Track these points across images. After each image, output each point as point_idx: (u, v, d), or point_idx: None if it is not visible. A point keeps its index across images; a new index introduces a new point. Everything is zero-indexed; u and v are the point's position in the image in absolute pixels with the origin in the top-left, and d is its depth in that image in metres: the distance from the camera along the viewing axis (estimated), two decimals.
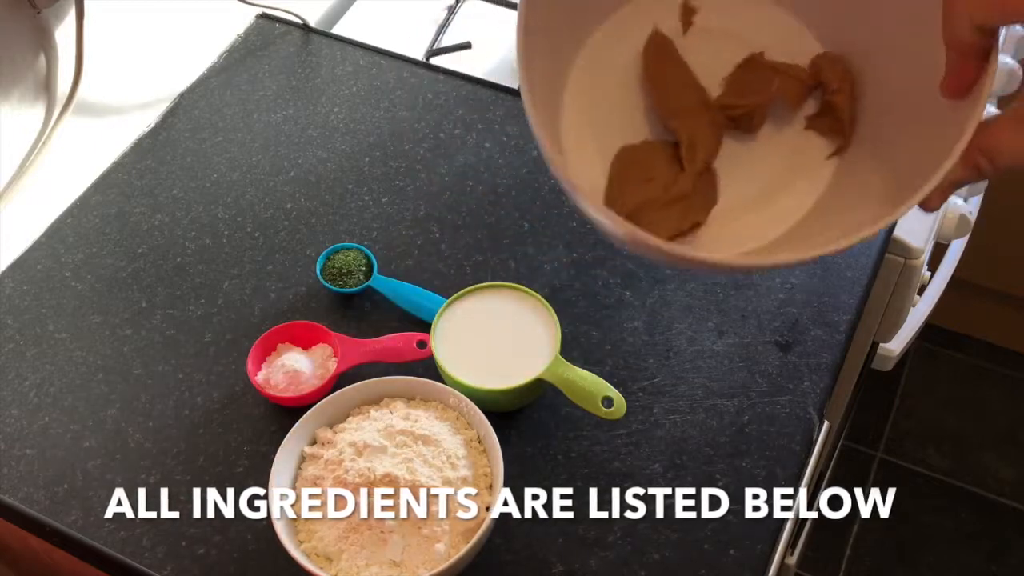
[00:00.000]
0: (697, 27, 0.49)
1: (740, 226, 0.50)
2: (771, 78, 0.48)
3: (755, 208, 0.50)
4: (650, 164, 0.49)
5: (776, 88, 0.48)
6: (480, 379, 0.71)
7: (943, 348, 1.84)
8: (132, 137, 0.97)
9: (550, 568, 0.68)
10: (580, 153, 0.50)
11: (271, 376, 0.76)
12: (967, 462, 1.71)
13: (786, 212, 0.49)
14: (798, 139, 0.50)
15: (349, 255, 0.83)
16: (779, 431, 0.74)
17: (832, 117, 0.48)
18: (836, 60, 0.48)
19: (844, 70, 0.47)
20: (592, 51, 0.50)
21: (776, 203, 0.50)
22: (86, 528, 0.71)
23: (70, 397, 0.79)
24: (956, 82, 0.40)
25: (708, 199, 0.50)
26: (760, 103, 0.48)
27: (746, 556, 0.68)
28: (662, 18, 0.49)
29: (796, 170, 0.50)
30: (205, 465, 0.74)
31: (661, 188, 0.48)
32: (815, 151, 0.49)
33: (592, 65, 0.50)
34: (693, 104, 0.49)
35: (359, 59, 1.04)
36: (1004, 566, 1.59)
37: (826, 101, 0.48)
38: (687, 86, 0.49)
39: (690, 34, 0.49)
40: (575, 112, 0.50)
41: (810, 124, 0.49)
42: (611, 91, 0.50)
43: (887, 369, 1.19)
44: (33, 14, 0.82)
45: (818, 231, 0.47)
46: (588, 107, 0.50)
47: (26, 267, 0.87)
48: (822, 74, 0.48)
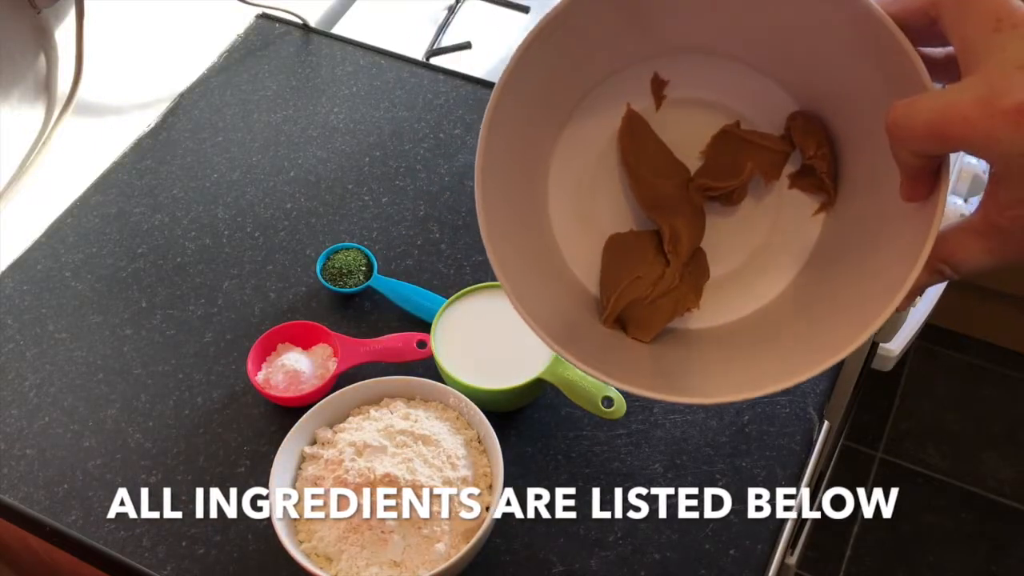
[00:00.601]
0: (670, 100, 0.49)
1: (734, 296, 0.50)
2: (747, 153, 0.48)
3: (746, 276, 0.50)
4: (637, 258, 0.50)
5: (750, 168, 0.47)
6: (480, 379, 0.71)
7: (943, 348, 1.84)
8: (132, 137, 0.97)
9: (550, 568, 0.68)
10: (573, 247, 0.51)
11: (271, 376, 0.76)
12: (967, 462, 1.71)
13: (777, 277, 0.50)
14: (782, 200, 0.49)
15: (349, 255, 0.83)
16: (779, 431, 0.74)
17: (814, 176, 0.48)
18: (810, 121, 0.47)
19: (819, 131, 0.47)
20: (569, 140, 0.50)
21: (767, 267, 0.50)
22: (86, 528, 0.71)
23: (70, 397, 0.79)
24: (910, 194, 0.40)
25: (699, 279, 0.50)
26: (738, 185, 0.48)
27: (746, 556, 0.68)
28: (635, 96, 0.49)
29: (784, 232, 0.49)
30: (205, 465, 0.74)
31: (649, 285, 0.49)
32: (801, 209, 0.49)
33: (571, 154, 0.50)
34: (671, 192, 0.49)
35: (359, 59, 1.05)
36: (1004, 566, 1.59)
37: (805, 164, 0.48)
38: (664, 170, 0.49)
39: (664, 108, 0.49)
40: (561, 204, 0.50)
41: (793, 183, 0.49)
42: (593, 179, 0.50)
43: (887, 369, 1.19)
44: (33, 14, 0.82)
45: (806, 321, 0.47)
46: (573, 198, 0.50)
47: (26, 267, 0.87)
48: (797, 139, 0.47)
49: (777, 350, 0.47)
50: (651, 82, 0.48)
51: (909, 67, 0.39)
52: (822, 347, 0.43)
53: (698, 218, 0.49)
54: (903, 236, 0.41)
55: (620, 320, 0.50)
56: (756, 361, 0.47)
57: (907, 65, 0.39)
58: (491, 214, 0.45)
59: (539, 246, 0.50)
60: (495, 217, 0.46)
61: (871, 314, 0.41)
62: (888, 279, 0.41)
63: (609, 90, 0.49)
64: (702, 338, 0.50)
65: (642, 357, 0.49)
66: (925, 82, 0.38)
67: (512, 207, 0.48)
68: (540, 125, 0.49)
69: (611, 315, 0.49)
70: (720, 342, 0.50)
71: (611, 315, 0.49)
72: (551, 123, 0.49)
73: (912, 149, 0.38)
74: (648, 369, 0.49)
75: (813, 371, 0.43)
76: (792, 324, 0.48)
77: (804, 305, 0.48)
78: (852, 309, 0.44)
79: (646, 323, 0.49)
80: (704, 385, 0.47)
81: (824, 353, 0.43)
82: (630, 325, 0.50)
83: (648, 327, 0.49)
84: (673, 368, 0.49)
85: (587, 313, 0.50)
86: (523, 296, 0.46)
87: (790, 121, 0.48)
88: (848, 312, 0.44)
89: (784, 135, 0.48)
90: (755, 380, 0.44)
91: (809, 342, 0.45)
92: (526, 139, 0.48)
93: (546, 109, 0.48)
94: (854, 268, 0.46)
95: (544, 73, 0.45)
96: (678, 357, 0.49)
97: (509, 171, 0.47)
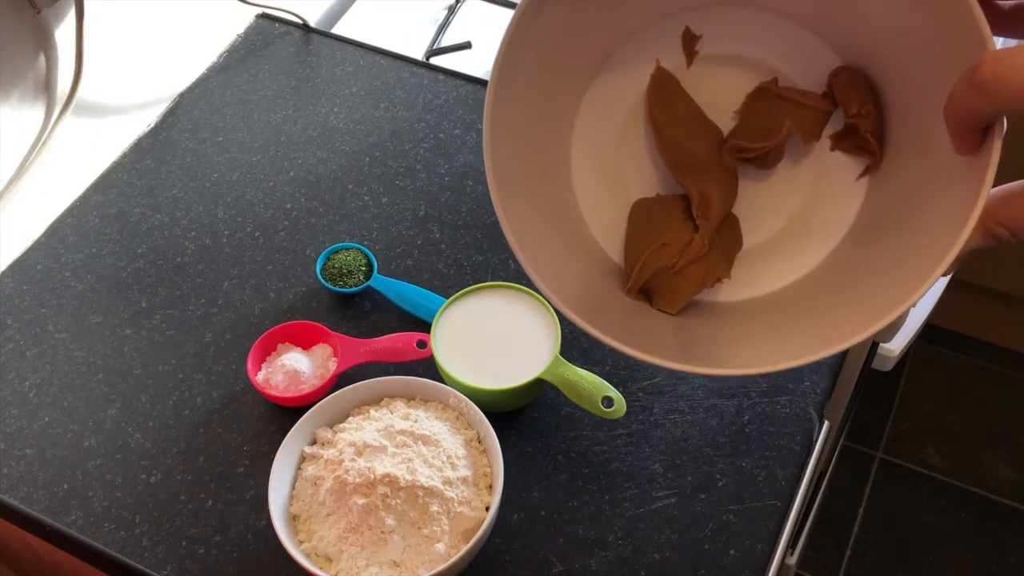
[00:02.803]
0: (702, 57, 0.46)
1: (767, 268, 0.47)
2: (784, 111, 0.45)
3: (781, 247, 0.47)
4: (664, 223, 0.46)
5: (788, 127, 0.44)
6: (480, 379, 0.71)
7: (943, 348, 1.84)
8: (132, 137, 0.97)
9: (550, 568, 0.68)
10: (599, 212, 0.48)
11: (271, 376, 0.76)
12: (967, 462, 1.71)
13: (815, 248, 0.46)
14: (822, 163, 0.46)
15: (349, 255, 0.83)
16: (779, 431, 0.74)
17: (857, 136, 0.44)
18: (854, 77, 0.44)
19: (864, 88, 0.43)
20: (595, 98, 0.47)
21: (804, 237, 0.47)
22: (86, 528, 0.71)
23: (70, 397, 0.79)
24: (963, 147, 0.38)
25: (731, 248, 0.47)
26: (774, 145, 0.45)
27: (746, 556, 0.68)
28: (664, 52, 0.46)
29: (823, 198, 0.46)
30: (205, 465, 0.74)
31: (676, 252, 0.46)
32: (843, 173, 0.46)
33: (597, 113, 0.47)
34: (702, 154, 0.46)
35: (359, 59, 1.05)
36: (1004, 566, 1.59)
37: (848, 123, 0.44)
38: (695, 131, 0.46)
39: (695, 65, 0.46)
40: (585, 168, 0.47)
41: (835, 145, 0.45)
42: (620, 140, 0.47)
43: (887, 369, 1.19)
44: (33, 14, 0.82)
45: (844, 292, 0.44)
46: (598, 161, 0.47)
47: (26, 267, 0.87)
48: (840, 97, 0.44)
49: (814, 321, 0.44)
50: (682, 37, 0.45)
51: (969, 20, 0.36)
52: (860, 317, 0.40)
53: (731, 182, 0.46)
54: (954, 196, 0.38)
55: (645, 290, 0.47)
56: (791, 332, 0.44)
57: (967, 18, 0.36)
58: (504, 180, 0.43)
59: (560, 213, 0.47)
60: (508, 183, 0.43)
61: (915, 280, 0.38)
62: (934, 242, 0.38)
63: (638, 46, 0.46)
64: (733, 312, 0.47)
65: (667, 330, 0.46)
66: (986, 38, 0.35)
67: (529, 170, 0.45)
68: (562, 81, 0.46)
69: (635, 285, 0.46)
70: (752, 317, 0.46)
71: (635, 285, 0.46)
72: (575, 79, 0.46)
73: (1006, 105, 0.34)
74: (673, 342, 0.45)
75: (850, 341, 0.39)
76: (831, 296, 0.45)
77: (844, 277, 0.45)
78: (894, 276, 0.40)
79: (672, 294, 0.46)
80: (733, 358, 0.43)
81: (861, 323, 0.39)
82: (656, 296, 0.47)
83: (675, 298, 0.46)
84: (700, 341, 0.46)
85: (611, 283, 0.47)
86: (543, 268, 0.43)
87: (832, 78, 0.45)
88: (890, 279, 0.41)
89: (825, 92, 0.45)
90: (787, 350, 0.41)
91: (848, 311, 0.42)
92: (545, 96, 0.45)
93: (569, 63, 0.45)
94: (899, 235, 0.42)
95: (563, 23, 0.42)
96: (706, 331, 0.46)
97: (525, 133, 0.44)
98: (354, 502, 0.63)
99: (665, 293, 0.46)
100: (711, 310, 0.47)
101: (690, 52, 0.46)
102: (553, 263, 0.44)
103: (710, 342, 0.46)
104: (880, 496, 1.67)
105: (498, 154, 0.42)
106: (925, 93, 0.40)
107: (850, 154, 0.45)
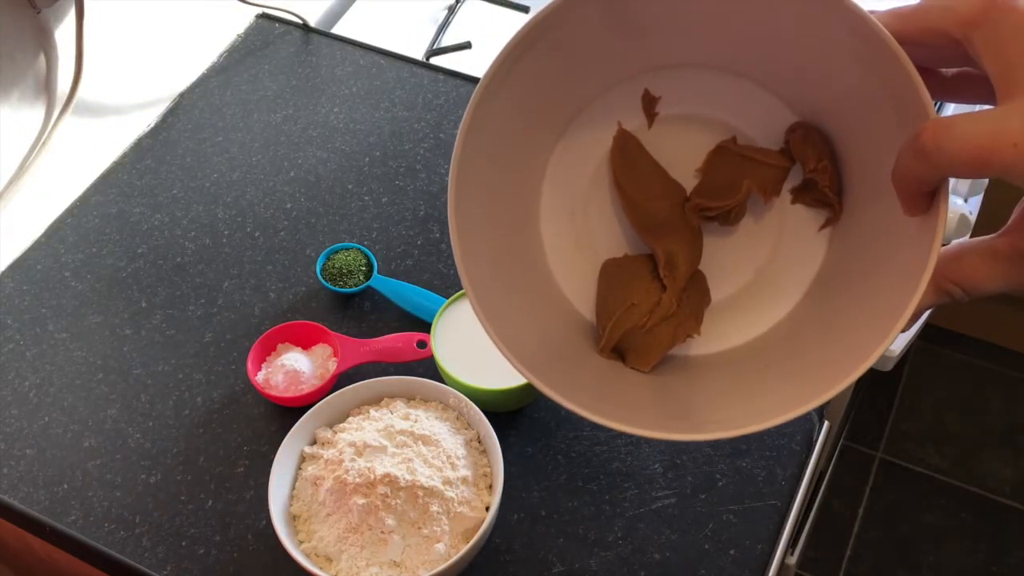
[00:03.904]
0: (663, 116, 0.47)
1: (736, 320, 0.48)
2: (744, 169, 0.46)
3: (749, 299, 0.48)
4: (633, 284, 0.47)
5: (747, 186, 0.45)
6: (480, 379, 0.71)
7: (943, 348, 1.84)
8: (132, 137, 0.97)
9: (550, 568, 0.68)
10: (568, 274, 0.49)
11: (271, 376, 0.76)
12: (967, 462, 1.71)
13: (782, 299, 0.47)
14: (785, 217, 0.47)
15: (349, 255, 0.83)
16: (779, 431, 0.74)
17: (816, 190, 0.45)
18: (809, 133, 0.44)
19: (819, 143, 0.44)
20: (561, 159, 0.48)
21: (772, 289, 0.48)
22: (86, 528, 0.71)
23: (70, 397, 0.79)
24: (911, 209, 0.39)
25: (699, 304, 0.48)
26: (734, 204, 0.46)
27: (746, 556, 0.68)
28: (626, 113, 0.47)
29: (788, 250, 0.47)
30: (205, 465, 0.74)
31: (646, 312, 0.46)
32: (806, 225, 0.47)
33: (563, 175, 0.48)
34: (666, 213, 0.47)
35: (359, 59, 1.05)
36: (1004, 566, 1.59)
37: (807, 178, 0.45)
38: (658, 191, 0.47)
39: (656, 125, 0.47)
40: (554, 228, 0.48)
41: (796, 198, 0.47)
42: (586, 200, 0.48)
43: (887, 369, 1.19)
44: (33, 14, 0.82)
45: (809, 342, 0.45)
46: (567, 222, 0.48)
47: (26, 267, 0.87)
48: (796, 153, 0.45)
49: (783, 377, 0.45)
50: (642, 98, 0.47)
51: (911, 89, 0.37)
52: (829, 373, 0.41)
53: (695, 240, 0.47)
54: (906, 253, 0.40)
55: (618, 349, 0.48)
56: (762, 390, 0.45)
57: (908, 87, 0.37)
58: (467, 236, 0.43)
59: (530, 273, 0.48)
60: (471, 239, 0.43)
61: (875, 338, 0.39)
62: (892, 300, 0.39)
63: (601, 108, 0.47)
64: (705, 365, 0.48)
65: (642, 387, 0.47)
66: (927, 105, 0.37)
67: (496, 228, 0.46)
68: (530, 138, 0.47)
69: (607, 346, 0.47)
70: (724, 369, 0.47)
71: (607, 346, 0.47)
72: (541, 140, 0.47)
73: (945, 173, 0.36)
74: (649, 401, 0.46)
75: (821, 399, 0.41)
76: (799, 348, 0.46)
77: (811, 328, 0.46)
78: (858, 332, 0.42)
79: (644, 352, 0.47)
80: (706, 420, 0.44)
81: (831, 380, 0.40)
82: (628, 354, 0.48)
83: (647, 356, 0.47)
84: (674, 400, 0.47)
85: (584, 342, 0.48)
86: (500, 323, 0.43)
87: (788, 134, 0.46)
88: (853, 335, 0.42)
89: (783, 149, 0.46)
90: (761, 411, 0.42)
91: (816, 368, 0.43)
92: (512, 156, 0.46)
93: (535, 124, 0.46)
94: (859, 288, 0.44)
95: (529, 86, 0.43)
96: (680, 386, 0.47)
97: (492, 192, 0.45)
98: (354, 502, 0.63)
99: (637, 351, 0.47)
100: (684, 364, 0.48)
101: (650, 113, 0.47)
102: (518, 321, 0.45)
103: (685, 400, 0.47)
104: (880, 496, 1.67)
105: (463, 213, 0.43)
106: (877, 150, 0.41)
107: (811, 207, 0.47)
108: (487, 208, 0.45)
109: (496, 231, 0.46)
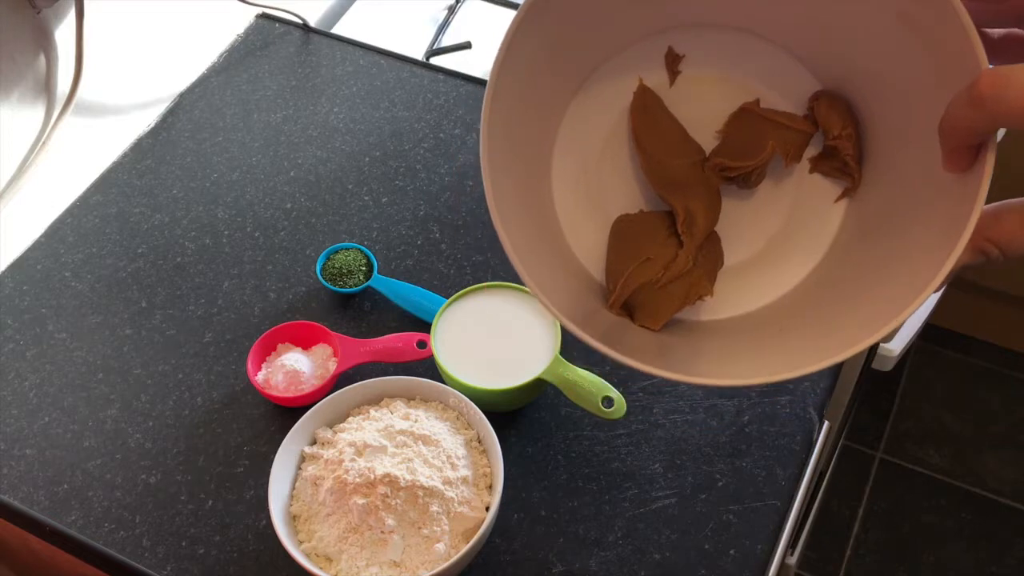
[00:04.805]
0: (685, 76, 0.46)
1: (748, 286, 0.47)
2: (767, 132, 0.45)
3: (762, 265, 0.47)
4: (647, 239, 0.47)
5: (771, 147, 0.45)
6: (480, 379, 0.71)
7: (943, 348, 1.84)
8: (132, 137, 0.97)
9: (550, 568, 0.68)
10: (577, 229, 0.48)
11: (271, 376, 0.76)
12: (967, 462, 1.71)
13: (796, 266, 0.47)
14: (802, 185, 0.47)
15: (349, 255, 0.83)
16: (779, 431, 0.74)
17: (837, 159, 0.45)
18: (835, 100, 0.44)
19: (845, 111, 0.44)
20: (577, 114, 0.47)
21: (784, 256, 0.47)
22: (86, 528, 0.71)
23: (70, 397, 0.79)
24: (956, 165, 0.38)
25: (713, 266, 0.47)
26: (758, 164, 0.45)
27: (746, 556, 0.68)
28: (647, 70, 0.46)
29: (803, 219, 0.47)
30: (205, 465, 0.74)
31: (660, 268, 0.46)
32: (822, 195, 0.46)
33: (578, 129, 0.47)
34: (685, 171, 0.46)
35: (359, 59, 1.05)
36: (1004, 566, 1.59)
37: (828, 145, 0.45)
38: (678, 149, 0.46)
39: (678, 84, 0.46)
40: (565, 183, 0.48)
41: (814, 167, 0.46)
42: (600, 157, 0.47)
43: (887, 369, 1.19)
44: (33, 14, 0.82)
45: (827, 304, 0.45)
46: (579, 177, 0.48)
47: (26, 267, 0.87)
48: (821, 120, 0.45)
49: (793, 341, 0.44)
50: (665, 56, 0.46)
51: (963, 42, 0.36)
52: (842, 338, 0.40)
53: (714, 199, 0.46)
54: (939, 216, 0.39)
55: (627, 306, 0.47)
56: (769, 351, 0.44)
57: (961, 40, 0.36)
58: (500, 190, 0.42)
59: (541, 227, 0.47)
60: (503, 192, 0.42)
61: (906, 297, 0.39)
62: (919, 263, 0.39)
63: (621, 63, 0.46)
64: (713, 331, 0.47)
65: (649, 344, 0.46)
66: (980, 57, 0.36)
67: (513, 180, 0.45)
68: (546, 96, 0.46)
69: (619, 298, 0.46)
70: (732, 335, 0.47)
71: (619, 298, 0.46)
72: (558, 95, 0.46)
73: (1000, 123, 0.35)
74: (654, 353, 0.46)
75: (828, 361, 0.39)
76: (812, 313, 0.45)
77: (825, 296, 0.46)
78: (878, 297, 0.41)
79: (655, 309, 0.46)
80: (710, 370, 0.44)
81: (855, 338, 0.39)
82: (638, 311, 0.47)
83: (657, 314, 0.46)
84: (679, 353, 0.46)
85: (592, 300, 0.47)
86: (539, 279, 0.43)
87: (812, 101, 0.45)
88: (873, 300, 0.41)
89: (806, 115, 0.45)
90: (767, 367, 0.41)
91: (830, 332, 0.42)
92: (535, 103, 0.45)
93: (559, 71, 0.45)
94: (880, 256, 0.43)
95: (561, 26, 0.42)
96: (686, 345, 0.46)
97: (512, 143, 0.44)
98: (354, 502, 0.63)
99: (647, 309, 0.47)
100: (692, 328, 0.48)
101: (673, 71, 0.46)
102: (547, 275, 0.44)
103: (689, 354, 0.46)
104: (880, 496, 1.67)
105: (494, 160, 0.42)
106: (908, 116, 0.40)
107: (829, 176, 0.46)
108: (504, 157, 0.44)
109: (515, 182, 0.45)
